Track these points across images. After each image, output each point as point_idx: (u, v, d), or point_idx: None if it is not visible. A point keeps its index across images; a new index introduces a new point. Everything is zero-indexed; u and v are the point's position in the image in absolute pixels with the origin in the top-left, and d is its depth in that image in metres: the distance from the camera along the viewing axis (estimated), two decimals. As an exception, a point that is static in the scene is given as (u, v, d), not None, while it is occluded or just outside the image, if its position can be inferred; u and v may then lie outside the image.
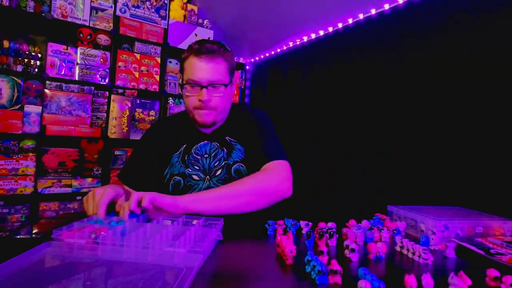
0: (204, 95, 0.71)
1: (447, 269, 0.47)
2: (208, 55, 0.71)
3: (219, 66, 0.72)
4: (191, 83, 0.72)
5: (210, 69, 0.71)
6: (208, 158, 0.77)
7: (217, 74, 0.72)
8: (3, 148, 1.45)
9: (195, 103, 0.73)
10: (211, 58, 0.71)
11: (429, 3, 1.05)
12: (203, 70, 0.71)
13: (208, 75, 0.71)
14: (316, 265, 0.39)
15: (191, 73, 0.72)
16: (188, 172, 0.76)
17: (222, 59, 0.73)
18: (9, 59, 1.49)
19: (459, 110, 0.94)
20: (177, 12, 1.94)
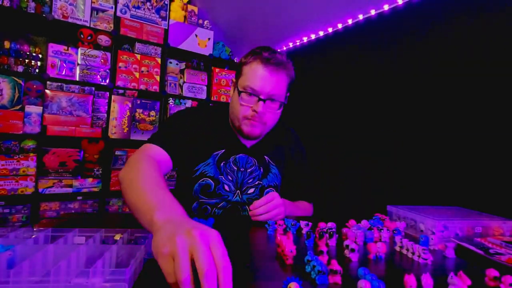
0: (260, 107, 0.66)
1: (446, 269, 0.47)
2: (275, 66, 0.66)
3: (282, 81, 0.68)
4: (249, 92, 0.67)
5: (274, 82, 0.66)
6: (244, 172, 0.74)
7: (278, 88, 0.67)
8: (4, 149, 1.46)
9: (247, 113, 0.68)
10: (277, 70, 0.67)
11: (428, 4, 1.06)
12: (267, 81, 0.66)
13: (270, 87, 0.66)
14: (316, 265, 0.39)
15: (253, 80, 0.66)
16: (221, 179, 0.72)
17: (286, 74, 0.69)
18: (10, 59, 1.50)
19: (459, 110, 0.95)
20: (178, 13, 1.94)
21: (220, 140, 0.75)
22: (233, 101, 0.72)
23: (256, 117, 0.68)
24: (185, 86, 1.96)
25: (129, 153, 1.78)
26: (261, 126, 0.70)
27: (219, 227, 0.58)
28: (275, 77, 0.67)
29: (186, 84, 1.96)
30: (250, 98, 0.68)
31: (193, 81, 1.98)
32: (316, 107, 1.60)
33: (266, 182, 0.76)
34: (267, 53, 0.67)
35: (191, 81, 1.97)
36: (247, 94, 0.67)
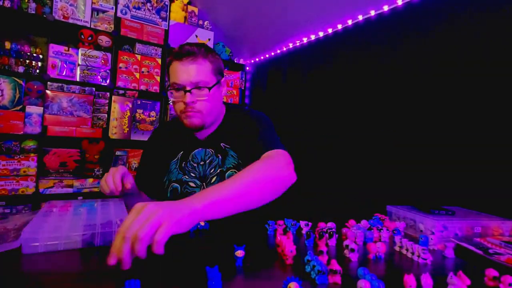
0: (187, 98, 0.69)
1: (446, 268, 0.48)
2: (188, 57, 0.69)
3: (201, 67, 0.70)
4: (175, 87, 0.70)
5: (192, 71, 0.69)
6: (204, 165, 0.77)
7: (200, 75, 0.69)
8: (5, 149, 1.46)
9: (181, 107, 0.71)
10: (192, 60, 0.69)
11: (427, 5, 1.06)
12: (185, 72, 0.69)
13: (190, 77, 0.69)
14: (316, 265, 0.40)
15: (174, 76, 0.70)
16: (185, 179, 0.76)
17: (204, 60, 0.71)
18: (11, 60, 1.50)
19: (459, 111, 0.95)
20: (178, 14, 1.95)
21: (177, 145, 0.80)
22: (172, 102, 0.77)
23: (188, 108, 0.70)
24: (185, 86, 1.96)
25: (130, 153, 1.78)
26: (199, 115, 0.72)
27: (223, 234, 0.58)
28: (191, 66, 0.69)
29: (186, 84, 1.96)
30: (178, 93, 0.71)
31: (193, 81, 1.98)
32: (316, 107, 1.60)
33: (225, 167, 0.76)
34: (177, 49, 0.71)
35: (191, 82, 1.97)
36: (175, 90, 0.71)
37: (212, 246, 0.52)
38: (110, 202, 0.63)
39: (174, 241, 0.48)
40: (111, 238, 0.47)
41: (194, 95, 0.70)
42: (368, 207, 0.75)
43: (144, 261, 0.44)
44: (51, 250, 0.44)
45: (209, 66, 0.71)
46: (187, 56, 0.69)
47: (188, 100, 0.69)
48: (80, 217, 0.51)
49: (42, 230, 0.44)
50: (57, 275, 0.38)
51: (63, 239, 0.44)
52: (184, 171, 0.77)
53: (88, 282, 0.36)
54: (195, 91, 0.69)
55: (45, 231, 0.44)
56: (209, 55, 0.72)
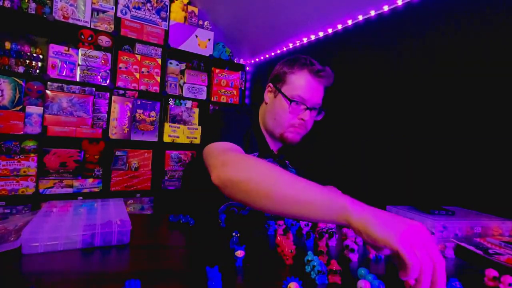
0: (307, 116, 0.70)
1: (446, 269, 0.48)
2: (326, 79, 0.71)
3: (323, 90, 0.73)
4: (298, 101, 0.69)
5: (320, 92, 0.72)
6: None
7: (322, 98, 0.73)
8: (5, 149, 1.46)
9: (294, 121, 0.71)
10: (323, 80, 0.71)
11: (427, 5, 1.06)
12: (318, 92, 0.71)
13: (319, 99, 0.71)
14: (316, 265, 0.40)
15: (304, 91, 0.69)
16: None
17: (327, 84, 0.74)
18: (11, 60, 1.50)
19: (458, 111, 0.95)
20: (178, 14, 1.95)
21: (255, 143, 0.77)
22: (275, 108, 0.73)
23: (302, 125, 0.71)
24: (185, 86, 1.96)
25: (130, 153, 1.78)
26: (303, 133, 0.74)
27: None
28: (320, 87, 0.72)
29: (186, 84, 1.96)
30: (298, 107, 0.70)
31: (193, 81, 1.98)
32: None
33: None
34: (319, 66, 0.72)
35: (191, 82, 1.98)
36: (296, 103, 0.70)
37: (212, 246, 0.52)
38: (110, 202, 0.63)
39: (175, 240, 0.49)
40: (110, 238, 0.47)
41: (311, 114, 0.72)
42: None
43: (144, 261, 0.44)
44: (51, 250, 0.44)
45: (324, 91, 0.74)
46: (326, 78, 0.71)
47: (308, 119, 0.70)
48: (80, 217, 0.52)
49: (42, 230, 0.44)
50: (57, 275, 0.38)
51: (63, 239, 0.44)
52: None
53: (88, 282, 0.37)
54: (313, 111, 0.72)
55: (45, 231, 0.44)
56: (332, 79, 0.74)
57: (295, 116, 0.71)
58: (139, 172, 1.77)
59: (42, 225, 0.47)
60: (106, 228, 0.47)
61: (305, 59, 0.73)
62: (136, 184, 1.74)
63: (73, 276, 0.38)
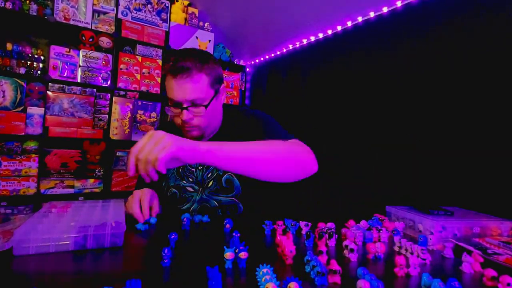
0: (184, 116, 0.67)
1: (445, 268, 0.48)
2: (183, 74, 0.64)
3: (197, 85, 0.66)
4: (172, 103, 0.68)
5: (187, 89, 0.65)
6: (202, 170, 0.76)
7: (196, 92, 0.66)
8: (6, 149, 1.47)
9: (179, 122, 0.70)
10: (187, 77, 0.65)
11: (427, 6, 1.07)
12: (180, 90, 0.65)
13: (185, 95, 0.65)
14: (316, 265, 0.40)
15: (170, 92, 0.67)
16: (183, 184, 0.76)
17: (199, 75, 0.66)
18: (12, 61, 1.51)
19: (457, 111, 0.95)
20: (178, 15, 1.96)
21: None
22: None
23: (186, 124, 0.69)
24: (185, 87, 1.97)
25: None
26: (197, 128, 0.70)
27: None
28: (186, 84, 0.65)
29: (186, 85, 1.97)
30: (175, 109, 0.69)
31: (194, 82, 1.99)
32: (316, 108, 1.61)
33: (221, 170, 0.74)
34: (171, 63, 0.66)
35: (191, 83, 1.98)
36: (171, 106, 0.69)
37: (212, 245, 0.52)
38: (110, 203, 0.63)
39: (175, 241, 0.49)
40: (103, 240, 0.46)
41: (191, 112, 0.67)
42: (368, 208, 0.75)
43: (144, 261, 0.45)
44: (43, 252, 0.43)
45: (205, 80, 0.67)
46: (181, 73, 0.65)
47: (185, 118, 0.67)
48: (77, 218, 0.51)
49: (35, 231, 0.43)
50: (54, 277, 0.38)
51: (54, 241, 0.43)
52: (182, 176, 0.77)
53: (88, 282, 0.37)
54: (192, 108, 0.67)
55: (37, 233, 0.43)
56: (204, 67, 0.67)
57: (178, 118, 0.69)
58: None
59: (36, 226, 0.46)
60: (99, 230, 0.46)
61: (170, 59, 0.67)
62: (137, 184, 1.75)
63: (68, 277, 0.38)
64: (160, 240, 0.51)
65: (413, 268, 0.43)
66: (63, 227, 0.46)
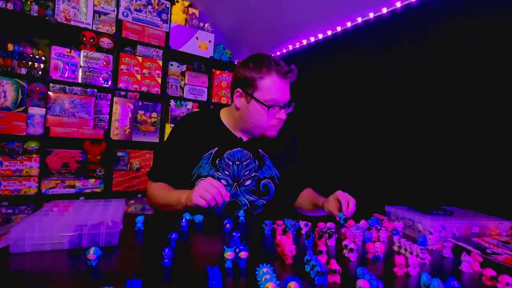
0: (283, 115, 0.75)
1: (444, 268, 0.48)
2: (291, 75, 0.75)
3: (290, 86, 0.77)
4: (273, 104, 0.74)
5: (288, 90, 0.76)
6: (240, 166, 0.78)
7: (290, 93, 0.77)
8: (8, 150, 1.47)
9: (273, 122, 0.76)
10: (290, 78, 0.75)
11: (426, 7, 1.07)
12: (287, 91, 0.75)
13: (288, 95, 0.76)
14: (315, 264, 0.40)
15: (277, 94, 0.73)
16: (217, 175, 0.77)
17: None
18: (14, 62, 1.52)
19: (457, 112, 0.95)
20: (179, 16, 1.96)
21: (211, 140, 0.80)
22: (251, 113, 0.77)
23: (280, 122, 0.77)
24: (186, 88, 1.97)
25: (131, 154, 1.79)
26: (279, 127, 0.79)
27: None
28: (288, 85, 0.77)
29: (187, 86, 1.97)
30: (273, 108, 0.75)
31: (194, 83, 1.99)
32: (316, 108, 1.61)
33: (261, 174, 0.79)
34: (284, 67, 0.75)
35: (192, 83, 1.99)
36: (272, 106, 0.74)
37: (212, 246, 0.53)
38: (112, 202, 0.63)
39: (176, 241, 0.49)
40: (98, 239, 0.46)
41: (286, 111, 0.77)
42: (367, 208, 0.75)
43: (145, 260, 0.45)
44: (38, 250, 0.43)
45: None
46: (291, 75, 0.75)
47: (284, 117, 0.76)
48: (77, 217, 0.51)
49: (31, 230, 0.43)
50: (54, 276, 0.38)
51: (49, 239, 0.43)
52: (217, 167, 0.78)
53: (89, 281, 0.37)
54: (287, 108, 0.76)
55: (34, 231, 0.43)
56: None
57: (272, 117, 0.75)
58: (141, 172, 1.78)
59: (33, 224, 0.46)
60: (94, 230, 0.46)
61: (269, 61, 0.75)
62: (138, 184, 1.75)
63: (68, 277, 0.38)
64: (161, 239, 0.51)
65: (412, 268, 0.43)
66: (60, 225, 0.46)
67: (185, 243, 0.53)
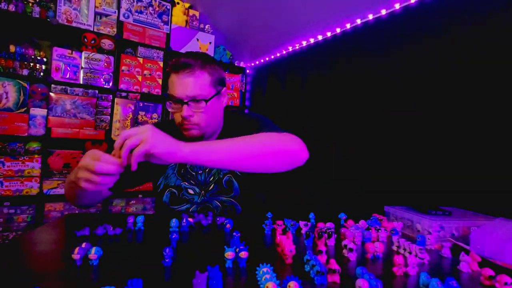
0: (184, 112, 0.68)
1: (443, 268, 0.48)
2: (185, 69, 0.67)
3: (198, 80, 0.68)
4: (173, 100, 0.70)
5: (189, 84, 0.67)
6: (203, 174, 0.77)
7: (197, 89, 0.67)
8: (10, 150, 1.48)
9: (179, 119, 0.70)
10: (188, 72, 0.67)
11: (425, 9, 1.07)
12: (181, 85, 0.67)
13: (186, 90, 0.67)
14: (315, 264, 0.40)
15: (171, 89, 0.69)
16: (184, 185, 0.76)
17: (202, 72, 0.68)
18: (15, 63, 1.53)
19: (456, 112, 0.96)
20: (179, 17, 1.97)
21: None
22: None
23: (185, 121, 0.69)
24: (186, 88, 1.98)
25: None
26: (196, 127, 0.71)
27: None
28: (188, 79, 0.67)
29: (187, 86, 1.98)
30: (175, 105, 0.70)
31: (195, 83, 2.00)
32: (315, 109, 1.61)
33: (221, 173, 0.76)
34: (174, 60, 0.70)
35: (192, 84, 1.99)
36: (173, 102, 0.70)
37: (212, 246, 0.53)
38: None
39: (177, 241, 0.50)
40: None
41: (191, 108, 0.68)
42: (366, 208, 0.76)
43: (146, 260, 0.45)
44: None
45: (207, 78, 0.69)
46: (183, 68, 0.67)
47: (185, 114, 0.68)
48: None
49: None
50: (54, 276, 0.38)
51: None
52: (183, 177, 0.77)
53: (89, 281, 0.37)
54: (192, 104, 0.68)
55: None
56: (206, 66, 0.69)
57: (178, 114, 0.70)
58: (141, 173, 1.78)
59: None
60: None
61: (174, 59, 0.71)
62: (138, 185, 1.76)
63: (68, 277, 0.38)
64: (161, 239, 0.52)
65: (411, 268, 0.43)
66: None
67: (185, 243, 0.53)
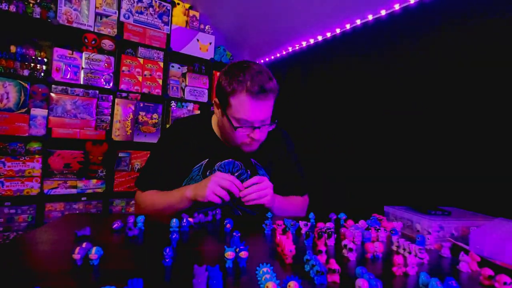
0: (257, 135, 0.67)
1: (442, 268, 0.49)
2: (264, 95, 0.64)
3: (270, 103, 0.67)
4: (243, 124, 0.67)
5: (264, 110, 0.66)
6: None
7: (269, 112, 0.67)
8: (10, 150, 1.48)
9: (244, 139, 0.69)
10: (265, 97, 0.65)
11: (424, 9, 1.07)
12: (258, 111, 0.65)
13: (262, 116, 0.66)
14: (315, 264, 0.41)
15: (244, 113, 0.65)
16: None
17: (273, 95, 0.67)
18: (16, 63, 1.53)
19: (456, 112, 0.96)
20: (180, 18, 1.98)
21: (201, 151, 0.76)
22: (225, 126, 0.71)
23: (254, 141, 0.70)
24: (187, 89, 1.98)
25: (132, 154, 1.80)
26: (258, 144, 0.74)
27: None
28: (265, 105, 0.66)
29: (188, 87, 1.98)
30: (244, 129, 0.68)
31: (195, 84, 2.01)
32: (315, 109, 1.62)
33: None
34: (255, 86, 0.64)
35: (192, 85, 2.00)
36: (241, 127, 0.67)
37: (212, 246, 0.53)
38: None
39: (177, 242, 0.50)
40: None
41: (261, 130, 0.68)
42: (366, 208, 0.76)
43: (146, 260, 0.46)
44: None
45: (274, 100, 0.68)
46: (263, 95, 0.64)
47: (257, 137, 0.68)
48: None
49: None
50: (55, 276, 0.38)
51: None
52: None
53: (90, 281, 0.38)
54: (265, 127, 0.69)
55: None
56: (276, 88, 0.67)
57: (244, 135, 0.69)
58: (141, 173, 1.79)
59: None
60: None
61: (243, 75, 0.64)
62: (138, 185, 1.76)
63: (68, 276, 0.38)
64: (161, 239, 0.52)
65: (411, 267, 0.44)
66: None
67: (185, 243, 0.53)
